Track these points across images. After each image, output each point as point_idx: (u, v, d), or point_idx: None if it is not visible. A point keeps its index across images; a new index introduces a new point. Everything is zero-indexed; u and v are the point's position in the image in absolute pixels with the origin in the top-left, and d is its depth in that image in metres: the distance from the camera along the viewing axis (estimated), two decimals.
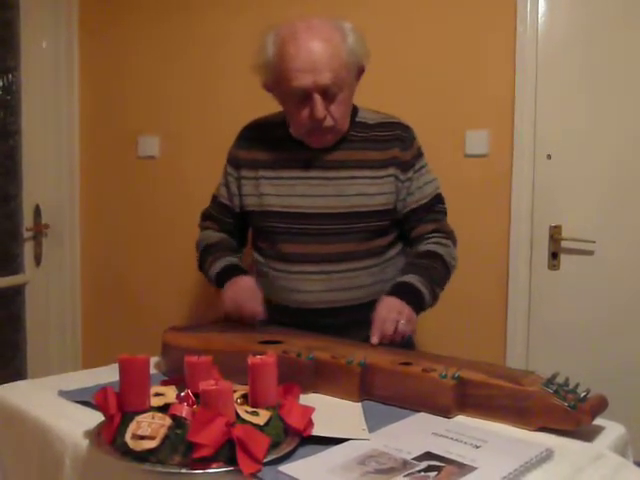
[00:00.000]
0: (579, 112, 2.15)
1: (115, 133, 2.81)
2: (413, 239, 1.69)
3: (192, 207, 2.65)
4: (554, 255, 2.21)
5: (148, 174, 2.75)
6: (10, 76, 2.63)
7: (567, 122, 2.16)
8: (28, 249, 2.75)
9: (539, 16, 2.15)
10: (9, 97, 2.64)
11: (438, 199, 1.70)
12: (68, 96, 2.79)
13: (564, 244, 2.20)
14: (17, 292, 2.74)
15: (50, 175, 2.78)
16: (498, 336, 2.24)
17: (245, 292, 1.60)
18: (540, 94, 2.16)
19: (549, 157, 2.18)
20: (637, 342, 2.12)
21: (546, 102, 2.16)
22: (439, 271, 1.62)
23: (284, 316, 1.63)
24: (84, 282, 2.91)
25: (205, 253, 1.78)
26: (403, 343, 1.47)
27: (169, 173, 2.71)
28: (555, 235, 2.19)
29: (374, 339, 1.42)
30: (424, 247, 1.66)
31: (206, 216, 1.86)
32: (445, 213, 1.72)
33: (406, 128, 1.68)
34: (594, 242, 2.15)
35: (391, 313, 1.45)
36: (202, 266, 1.79)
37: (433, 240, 1.66)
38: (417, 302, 1.54)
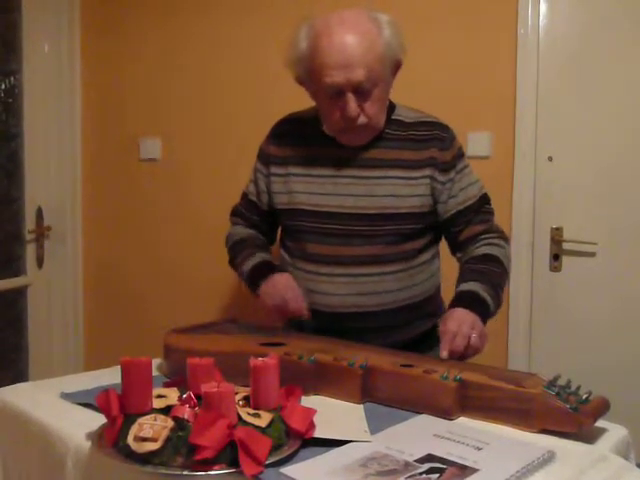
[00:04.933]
0: (580, 114, 2.15)
1: (117, 135, 2.81)
2: (462, 242, 1.60)
3: (194, 209, 2.67)
4: (556, 257, 2.21)
5: (150, 176, 2.75)
6: (12, 79, 2.64)
7: (568, 124, 2.16)
8: (30, 251, 2.75)
9: (540, 18, 2.15)
10: (11, 100, 2.65)
11: (485, 200, 1.62)
12: (70, 99, 2.80)
13: (565, 246, 2.20)
14: (19, 294, 2.74)
15: (52, 177, 2.78)
16: (500, 338, 2.24)
17: (286, 289, 1.55)
18: (541, 96, 2.16)
19: (550, 159, 2.18)
20: (639, 343, 2.12)
21: (547, 104, 2.16)
22: (500, 275, 1.54)
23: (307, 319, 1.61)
24: (86, 284, 2.91)
25: (235, 249, 1.73)
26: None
27: (171, 175, 2.71)
28: (556, 237, 2.20)
29: (444, 354, 1.33)
30: (480, 250, 1.57)
31: (235, 212, 1.81)
32: (493, 213, 1.63)
33: (446, 128, 1.60)
34: (596, 244, 2.15)
35: (463, 327, 1.36)
36: (232, 262, 1.75)
37: (486, 242, 1.58)
38: (483, 312, 1.44)
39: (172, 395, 1.08)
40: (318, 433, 1.06)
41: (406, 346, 1.49)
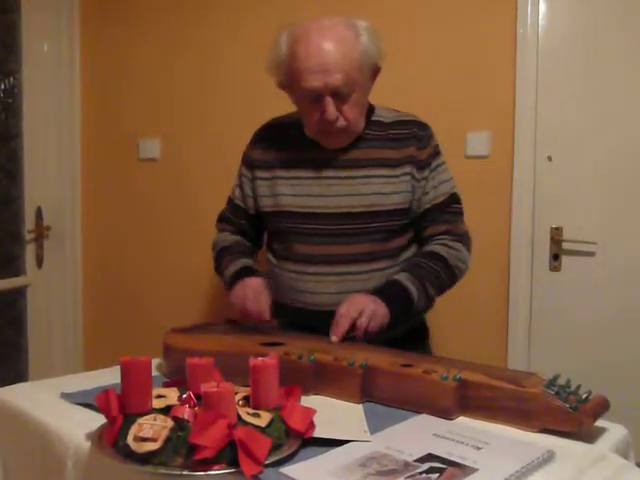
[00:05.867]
0: (580, 113, 2.15)
1: (116, 135, 2.81)
2: (424, 240, 1.66)
3: (193, 209, 2.67)
4: (555, 257, 2.21)
5: (149, 176, 2.75)
6: (12, 79, 2.64)
7: (568, 123, 2.16)
8: (30, 251, 2.75)
9: (539, 18, 2.15)
10: (11, 100, 2.65)
11: (453, 199, 1.66)
12: (69, 99, 2.79)
13: (565, 245, 2.20)
14: (19, 294, 2.74)
15: (52, 177, 2.78)
16: (500, 337, 2.24)
17: (250, 292, 1.58)
18: (541, 96, 2.16)
19: (550, 159, 2.18)
20: (638, 343, 2.12)
21: (547, 104, 2.16)
22: (437, 272, 1.59)
23: (297, 318, 1.62)
24: (86, 284, 2.91)
25: (220, 256, 1.76)
26: (370, 339, 1.44)
27: (170, 175, 2.71)
28: (556, 236, 2.20)
29: (332, 338, 1.43)
30: (428, 248, 1.63)
31: (222, 218, 1.84)
32: (460, 213, 1.68)
33: (423, 126, 1.65)
34: (595, 243, 2.15)
35: (350, 309, 1.44)
36: (217, 269, 1.78)
37: (440, 242, 1.63)
38: (402, 300, 1.52)
39: (172, 395, 1.08)
40: (318, 433, 1.06)
41: (394, 342, 1.49)
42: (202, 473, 0.94)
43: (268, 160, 1.68)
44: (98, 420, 1.09)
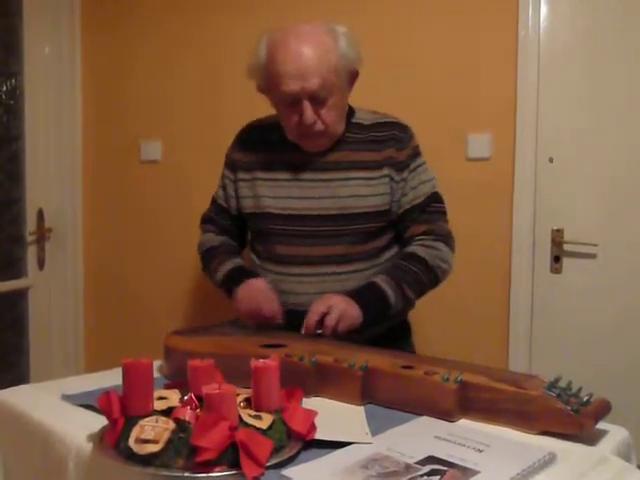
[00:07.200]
0: (581, 115, 2.15)
1: (118, 137, 2.82)
2: (405, 240, 1.67)
3: (194, 211, 2.66)
4: (556, 259, 2.21)
5: (151, 178, 2.76)
6: (13, 81, 2.64)
7: (569, 125, 2.17)
8: (31, 253, 2.75)
9: (541, 20, 2.15)
10: (12, 102, 2.65)
11: (434, 198, 1.67)
12: (71, 100, 2.80)
13: (566, 247, 2.20)
14: (20, 296, 2.74)
15: (53, 179, 2.78)
16: (500, 339, 2.24)
17: (260, 294, 1.59)
18: (542, 97, 2.16)
19: (551, 160, 2.18)
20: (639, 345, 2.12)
21: (548, 105, 2.16)
22: (416, 273, 1.59)
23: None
24: (87, 286, 2.92)
25: (208, 256, 1.78)
26: (346, 337, 1.46)
27: (171, 177, 2.71)
28: (557, 238, 2.20)
29: (302, 330, 1.47)
30: (409, 249, 1.64)
31: (206, 219, 1.87)
32: (442, 212, 1.68)
33: (403, 128, 1.66)
34: (596, 245, 2.15)
35: (320, 306, 1.47)
36: (206, 269, 1.79)
37: (419, 242, 1.64)
38: (378, 302, 1.54)
39: (173, 397, 1.08)
40: (319, 435, 1.06)
41: (375, 340, 1.50)
42: (203, 475, 0.94)
43: (249, 162, 1.71)
44: (99, 422, 1.09)
